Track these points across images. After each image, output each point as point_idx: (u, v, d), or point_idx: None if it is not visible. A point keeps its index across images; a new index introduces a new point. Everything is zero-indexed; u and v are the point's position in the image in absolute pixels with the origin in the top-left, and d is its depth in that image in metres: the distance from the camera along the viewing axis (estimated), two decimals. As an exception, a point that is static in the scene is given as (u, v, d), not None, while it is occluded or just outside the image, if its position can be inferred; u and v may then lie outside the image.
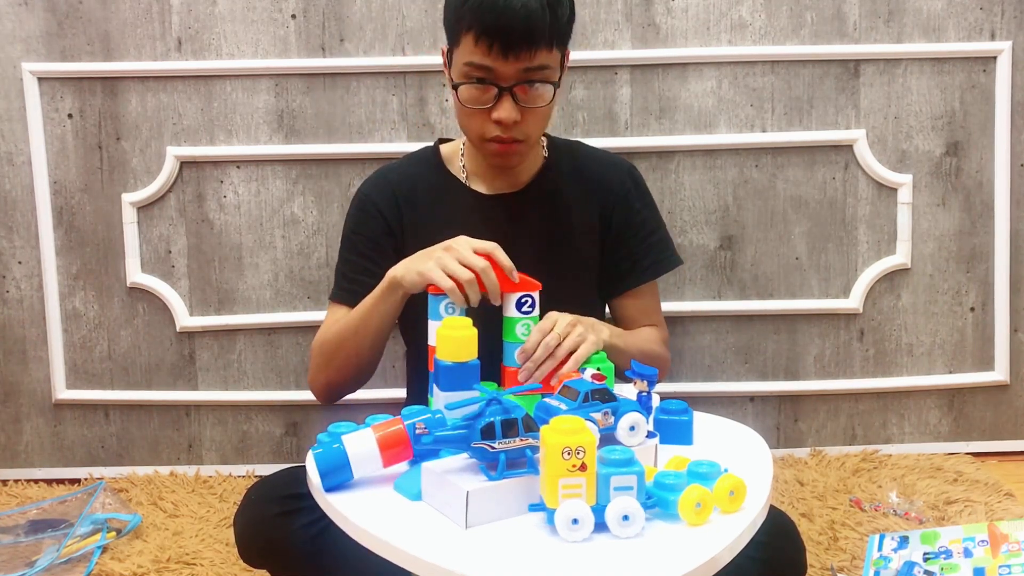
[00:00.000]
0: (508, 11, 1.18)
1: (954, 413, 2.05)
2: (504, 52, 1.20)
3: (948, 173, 2.00)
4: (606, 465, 0.81)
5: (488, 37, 1.20)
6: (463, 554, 0.79)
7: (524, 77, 1.23)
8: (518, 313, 1.12)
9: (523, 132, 1.28)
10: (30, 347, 2.01)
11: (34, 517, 1.76)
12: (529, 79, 1.24)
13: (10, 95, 1.94)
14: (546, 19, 1.21)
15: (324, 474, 0.92)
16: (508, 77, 1.23)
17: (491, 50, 1.21)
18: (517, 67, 1.22)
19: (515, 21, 1.19)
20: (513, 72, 1.23)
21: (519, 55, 1.21)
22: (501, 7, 1.19)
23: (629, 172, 1.49)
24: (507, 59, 1.21)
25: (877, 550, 1.48)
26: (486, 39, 1.20)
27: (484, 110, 1.26)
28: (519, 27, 1.19)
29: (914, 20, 1.95)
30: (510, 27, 1.19)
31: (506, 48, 1.20)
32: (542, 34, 1.21)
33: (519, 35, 1.20)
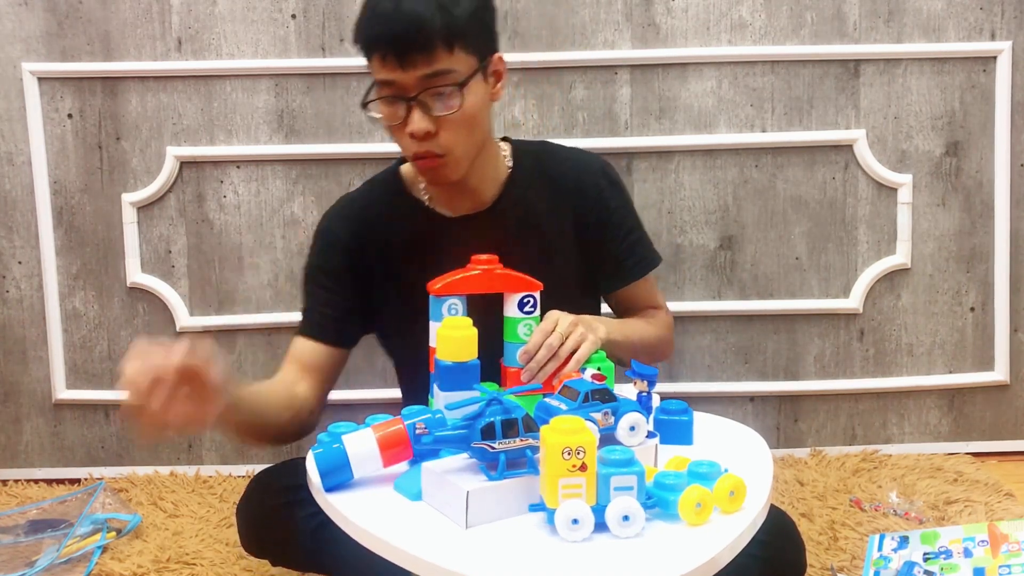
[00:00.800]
0: (395, 18, 1.15)
1: (954, 413, 2.05)
2: (399, 61, 1.15)
3: (948, 173, 2.00)
4: (606, 465, 0.81)
5: (381, 48, 1.16)
6: (463, 554, 0.79)
7: (426, 85, 1.17)
8: (520, 313, 1.12)
9: (442, 145, 1.20)
10: (30, 347, 2.00)
11: (34, 517, 1.76)
12: (432, 86, 1.17)
13: (10, 95, 1.94)
14: (437, 21, 1.15)
15: (324, 474, 0.92)
16: (410, 87, 1.17)
17: (386, 61, 1.16)
18: (416, 75, 1.16)
19: (403, 27, 1.14)
20: (413, 81, 1.16)
21: (415, 62, 1.15)
22: (388, 15, 1.15)
23: (602, 171, 1.40)
24: (404, 68, 1.16)
25: (877, 550, 1.48)
26: (379, 50, 1.17)
27: (401, 126, 1.20)
28: (409, 33, 1.14)
29: (914, 20, 1.95)
30: (400, 34, 1.15)
31: (399, 56, 1.15)
32: (435, 36, 1.15)
33: (410, 41, 1.15)
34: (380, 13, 1.16)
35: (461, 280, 1.11)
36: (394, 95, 1.18)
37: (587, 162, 1.41)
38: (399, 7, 1.15)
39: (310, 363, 1.32)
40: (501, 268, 1.13)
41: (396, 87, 1.18)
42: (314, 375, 1.32)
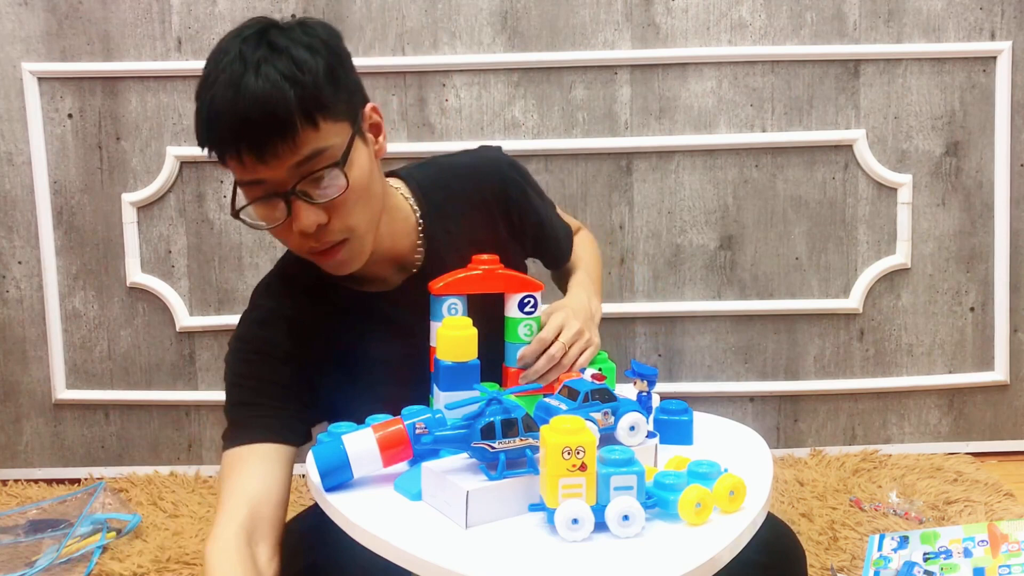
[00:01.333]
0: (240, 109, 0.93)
1: (954, 413, 2.05)
2: (259, 157, 0.95)
3: (948, 173, 2.00)
4: (606, 465, 0.81)
5: (233, 148, 0.95)
6: (463, 554, 0.78)
7: (300, 174, 0.97)
8: (520, 314, 1.12)
9: (339, 230, 1.02)
10: (30, 347, 2.00)
11: (34, 517, 1.76)
12: (308, 173, 0.97)
13: (10, 95, 1.94)
14: (291, 97, 0.94)
15: (324, 474, 0.92)
16: (284, 181, 0.97)
17: (244, 162, 0.96)
18: (285, 167, 0.96)
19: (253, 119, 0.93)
20: (284, 174, 0.96)
21: (279, 154, 0.95)
22: (230, 107, 0.94)
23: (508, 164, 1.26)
24: (268, 164, 0.95)
25: (877, 550, 1.48)
26: (233, 151, 0.95)
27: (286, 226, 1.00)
28: (260, 124, 0.93)
29: (914, 20, 1.95)
30: (250, 127, 0.94)
31: (258, 152, 0.95)
32: (292, 117, 0.94)
33: (264, 133, 0.94)
34: (220, 108, 0.94)
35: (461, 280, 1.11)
36: (267, 194, 0.98)
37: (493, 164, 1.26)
38: (241, 94, 0.93)
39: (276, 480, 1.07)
40: (502, 268, 1.13)
41: (267, 184, 0.98)
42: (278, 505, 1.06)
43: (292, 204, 0.98)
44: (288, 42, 0.98)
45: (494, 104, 1.96)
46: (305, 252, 1.05)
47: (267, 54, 0.96)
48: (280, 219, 0.99)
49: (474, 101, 1.96)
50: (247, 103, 0.93)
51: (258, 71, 0.94)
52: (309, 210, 0.99)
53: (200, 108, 0.97)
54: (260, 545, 1.00)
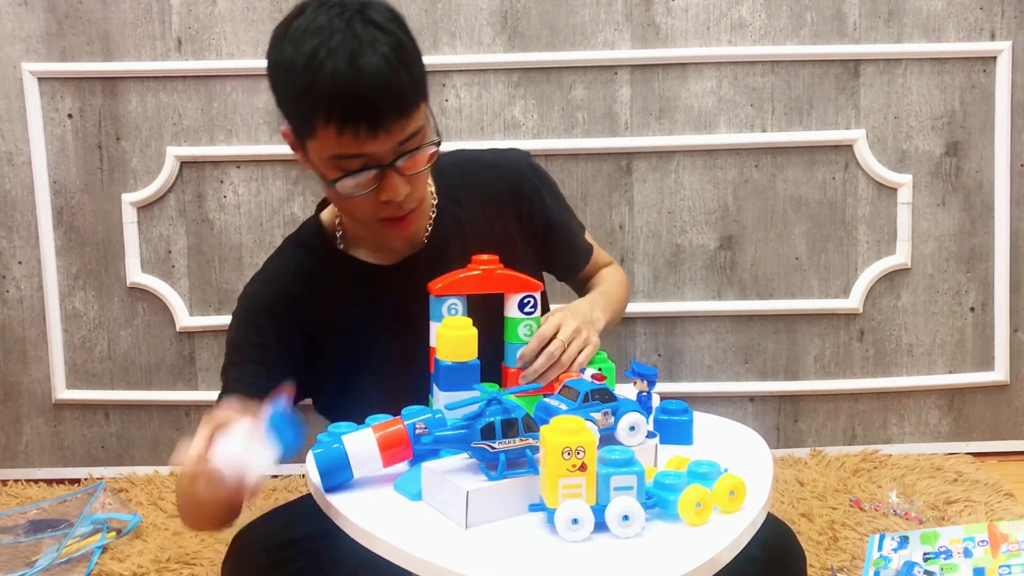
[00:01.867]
0: (364, 87, 0.98)
1: (954, 413, 2.05)
2: (374, 132, 1.00)
3: (948, 173, 2.00)
4: (606, 465, 0.81)
5: (353, 123, 1.00)
6: (463, 554, 0.79)
7: (402, 149, 1.04)
8: (520, 314, 1.12)
9: (416, 199, 1.11)
10: (30, 347, 2.01)
11: (34, 517, 1.76)
12: (407, 150, 1.05)
13: (10, 95, 1.94)
14: (404, 80, 1.01)
15: (324, 474, 0.92)
16: (385, 155, 1.03)
17: (359, 136, 1.01)
18: (392, 142, 1.03)
19: (376, 96, 0.99)
20: (389, 148, 1.03)
21: (391, 130, 1.01)
22: (354, 84, 0.98)
23: (529, 166, 1.31)
24: (378, 138, 1.01)
25: (877, 550, 1.48)
26: (351, 127, 1.00)
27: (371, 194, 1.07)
28: (383, 101, 0.99)
29: (914, 20, 1.96)
30: (374, 105, 0.99)
31: (375, 128, 1.00)
32: (407, 98, 1.02)
33: (386, 109, 1.00)
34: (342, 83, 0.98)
35: (461, 280, 1.11)
36: (367, 166, 1.04)
37: (513, 161, 1.31)
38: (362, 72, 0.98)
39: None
40: (502, 268, 1.13)
41: (367, 158, 1.03)
42: None
43: (387, 175, 1.05)
44: (387, 23, 1.03)
45: (494, 104, 1.96)
46: (379, 217, 1.11)
47: (376, 34, 1.00)
48: (369, 188, 1.06)
49: (474, 101, 1.96)
50: (370, 81, 0.98)
51: (374, 50, 0.99)
52: (401, 181, 1.06)
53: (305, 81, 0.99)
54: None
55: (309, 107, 1.01)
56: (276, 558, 1.07)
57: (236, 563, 1.11)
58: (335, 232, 1.23)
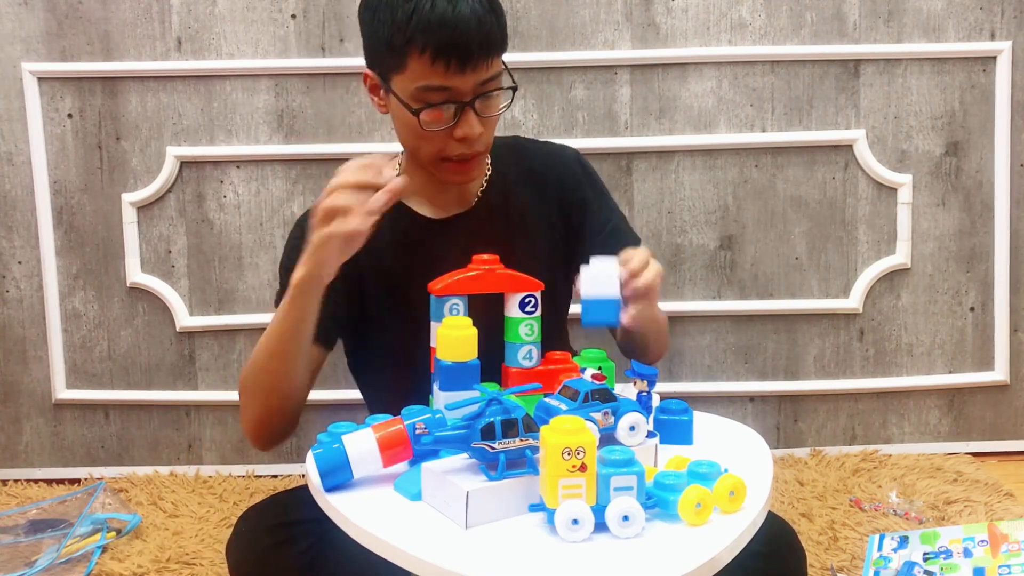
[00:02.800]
0: (460, 23, 1.10)
1: (954, 413, 2.05)
2: (462, 67, 1.12)
3: (948, 173, 2.00)
4: (606, 465, 0.81)
5: (445, 55, 1.11)
6: (463, 554, 0.79)
7: (482, 89, 1.16)
8: (521, 313, 1.12)
9: (485, 143, 1.21)
10: (30, 347, 2.01)
11: (34, 517, 1.76)
12: (487, 90, 1.16)
13: (10, 95, 1.94)
14: (496, 24, 1.14)
15: (324, 474, 0.92)
16: (467, 92, 1.14)
17: (448, 67, 1.11)
18: (475, 80, 1.14)
19: (470, 33, 1.10)
20: (472, 86, 1.14)
21: (477, 67, 1.13)
22: (452, 20, 1.10)
23: (578, 160, 1.40)
24: (465, 74, 1.12)
25: (877, 550, 1.48)
26: (443, 57, 1.11)
27: (444, 130, 1.17)
28: (475, 39, 1.11)
29: (914, 20, 1.96)
30: (466, 40, 1.10)
31: (464, 63, 1.11)
32: (495, 41, 1.14)
33: (476, 47, 1.11)
34: (440, 17, 1.10)
35: (462, 280, 1.11)
36: (448, 100, 1.15)
37: (563, 153, 1.41)
38: (458, 10, 1.10)
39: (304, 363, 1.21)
40: (502, 268, 1.13)
41: (451, 92, 1.14)
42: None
43: (464, 112, 1.15)
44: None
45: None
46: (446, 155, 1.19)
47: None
48: (446, 123, 1.16)
49: (474, 101, 1.96)
50: (467, 19, 1.10)
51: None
52: (477, 121, 1.16)
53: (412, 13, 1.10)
54: None
55: (407, 37, 1.11)
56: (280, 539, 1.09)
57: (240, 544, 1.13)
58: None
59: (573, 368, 1.10)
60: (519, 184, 1.34)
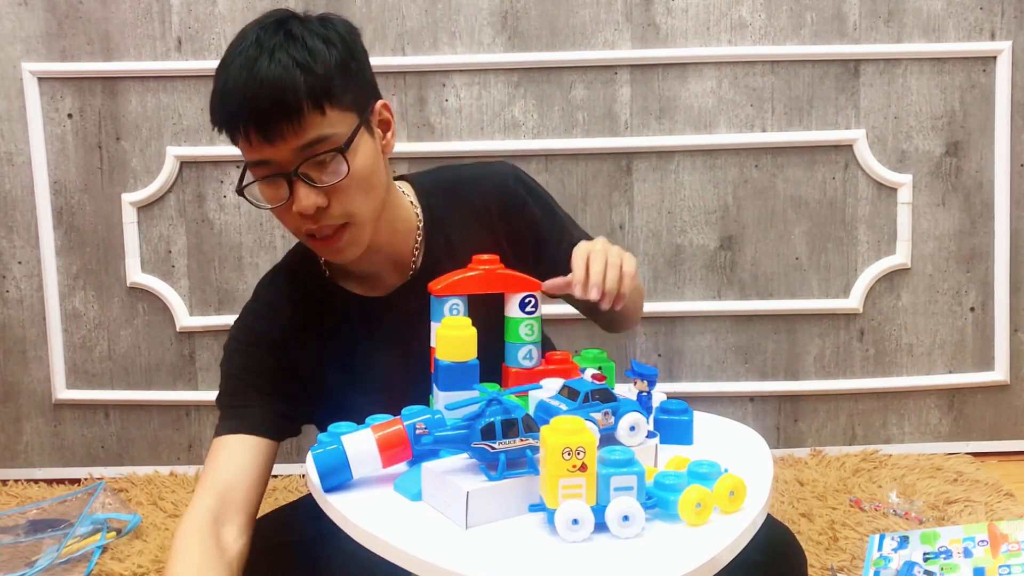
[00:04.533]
0: (252, 90, 0.99)
1: (954, 413, 2.05)
2: (265, 137, 1.00)
3: (948, 173, 2.00)
4: (606, 465, 0.81)
5: (242, 126, 1.00)
6: (463, 554, 0.78)
7: (303, 156, 1.02)
8: (521, 313, 1.12)
9: (341, 214, 1.06)
10: (30, 347, 2.00)
11: (34, 517, 1.76)
12: (311, 156, 1.02)
13: (10, 95, 1.94)
14: (300, 84, 0.99)
15: (323, 475, 0.91)
16: (287, 162, 1.02)
17: (251, 141, 1.01)
18: (289, 149, 1.01)
19: (260, 102, 0.98)
20: (289, 155, 1.01)
21: (284, 135, 1.00)
22: (242, 88, 0.99)
23: (516, 178, 1.27)
24: (274, 144, 1.00)
25: (877, 550, 1.48)
26: (241, 131, 1.01)
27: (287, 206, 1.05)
28: (267, 107, 0.99)
29: (914, 20, 1.96)
30: (261, 107, 0.99)
31: (265, 132, 0.99)
32: (300, 102, 0.99)
33: (271, 114, 0.99)
34: (233, 87, 1.00)
35: (462, 280, 1.11)
36: (272, 174, 1.03)
37: (500, 176, 1.26)
38: (253, 76, 0.99)
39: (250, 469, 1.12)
40: (502, 268, 1.13)
41: (272, 165, 1.03)
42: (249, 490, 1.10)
43: (294, 185, 1.03)
44: (305, 32, 1.03)
45: (494, 104, 1.96)
46: (304, 234, 1.08)
47: (283, 41, 1.01)
48: (283, 199, 1.04)
49: (474, 101, 1.96)
50: (258, 85, 0.99)
51: (272, 56, 1.00)
52: (310, 192, 1.03)
53: (215, 88, 1.03)
54: (227, 526, 1.04)
55: (213, 115, 1.04)
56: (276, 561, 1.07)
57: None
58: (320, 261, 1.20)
59: (573, 368, 1.10)
60: (458, 228, 1.22)
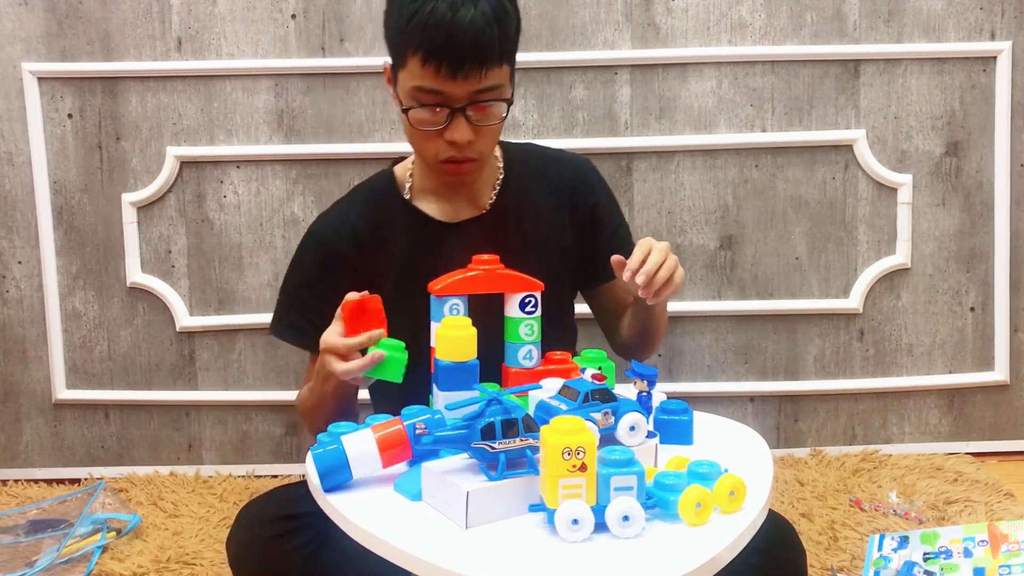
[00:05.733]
0: (456, 31, 1.11)
1: (954, 413, 2.05)
2: (453, 74, 1.13)
3: (948, 173, 2.00)
4: (606, 465, 0.81)
5: (436, 59, 1.12)
6: (463, 554, 0.79)
7: (476, 98, 1.17)
8: (521, 313, 1.12)
9: (476, 150, 1.22)
10: (30, 347, 2.00)
11: (34, 517, 1.76)
12: (481, 99, 1.17)
13: (10, 95, 1.94)
14: (495, 36, 1.13)
15: (323, 475, 0.91)
16: (459, 98, 1.16)
17: (439, 72, 1.13)
18: (468, 88, 1.15)
19: (463, 41, 1.11)
20: (464, 93, 1.16)
21: (468, 76, 1.14)
22: (448, 26, 1.11)
23: (592, 169, 1.44)
24: (456, 80, 1.14)
25: (877, 550, 1.48)
26: (434, 61, 1.13)
27: (436, 131, 1.19)
28: (468, 47, 1.12)
29: (914, 20, 1.95)
30: (459, 48, 1.11)
31: (455, 70, 1.13)
32: (492, 52, 1.14)
33: (468, 56, 1.12)
34: (437, 22, 1.11)
35: (462, 280, 1.11)
36: (440, 103, 1.17)
37: (576, 161, 1.44)
38: (457, 17, 1.11)
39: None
40: (502, 268, 1.13)
41: (443, 96, 1.16)
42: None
43: (455, 118, 1.17)
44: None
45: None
46: (440, 157, 1.22)
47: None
48: (438, 125, 1.18)
49: (474, 101, 1.96)
50: (463, 27, 1.11)
51: (476, 4, 1.12)
52: (467, 128, 1.18)
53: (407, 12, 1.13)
54: None
55: (406, 37, 1.14)
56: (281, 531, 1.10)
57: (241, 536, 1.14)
58: (405, 184, 1.34)
59: (573, 368, 1.10)
60: (532, 189, 1.36)
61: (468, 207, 1.33)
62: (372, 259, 1.33)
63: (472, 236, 1.30)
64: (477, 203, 1.34)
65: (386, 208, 1.34)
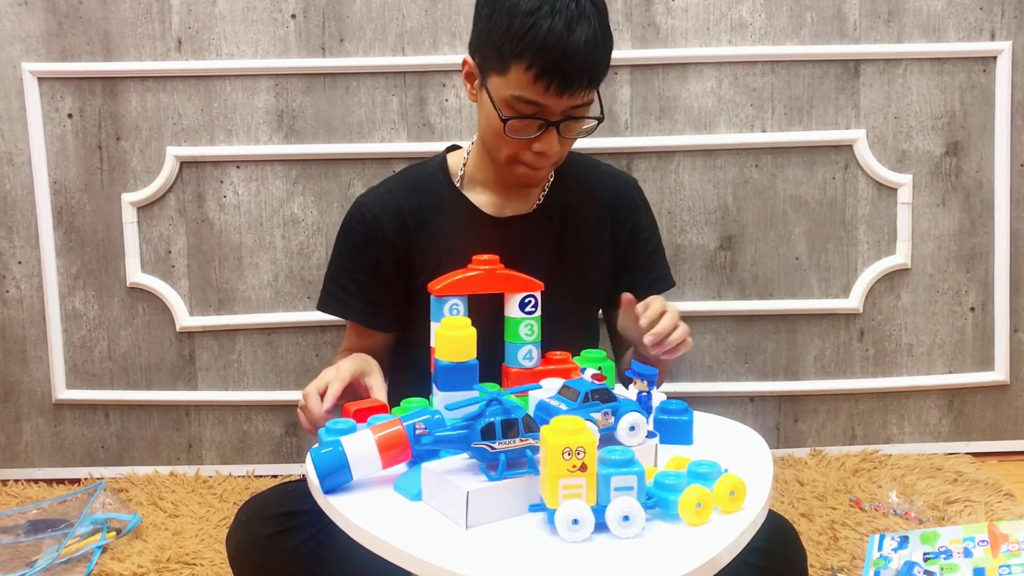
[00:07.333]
0: (571, 50, 1.14)
1: (954, 413, 2.05)
2: (561, 92, 1.16)
3: (948, 173, 2.00)
4: (606, 465, 0.81)
5: (548, 76, 1.15)
6: (463, 554, 0.79)
7: (572, 113, 1.21)
8: (521, 313, 1.12)
9: (559, 160, 1.28)
10: (30, 347, 2.00)
11: (34, 517, 1.76)
12: (575, 115, 1.22)
13: (10, 95, 1.94)
14: (603, 60, 1.19)
15: (323, 476, 0.91)
16: (557, 112, 1.20)
17: (548, 89, 1.16)
18: (569, 104, 1.19)
19: (577, 61, 1.15)
20: (563, 108, 1.19)
21: (574, 94, 1.18)
22: (564, 46, 1.14)
23: (636, 188, 1.48)
24: (561, 97, 1.17)
25: (877, 550, 1.48)
26: (545, 78, 1.15)
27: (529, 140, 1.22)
28: (580, 67, 1.15)
29: (914, 20, 1.95)
30: (571, 67, 1.15)
31: (563, 88, 1.16)
32: (600, 73, 1.20)
33: (579, 75, 1.16)
34: (555, 41, 1.13)
35: (462, 280, 1.11)
36: (537, 115, 1.19)
37: (623, 178, 1.48)
38: (573, 37, 1.14)
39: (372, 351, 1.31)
40: (502, 268, 1.13)
41: (541, 109, 1.19)
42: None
43: (547, 130, 1.21)
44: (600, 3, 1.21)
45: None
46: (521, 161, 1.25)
47: (592, 10, 1.18)
48: (531, 134, 1.21)
49: (474, 101, 1.96)
50: (578, 47, 1.14)
51: (588, 23, 1.16)
52: (557, 140, 1.22)
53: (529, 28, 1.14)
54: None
55: (518, 49, 1.15)
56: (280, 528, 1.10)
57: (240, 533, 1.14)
58: (457, 172, 1.37)
59: (573, 368, 1.10)
60: (579, 198, 1.40)
61: (516, 203, 1.36)
62: (415, 242, 1.35)
63: (516, 232, 1.34)
64: (524, 201, 1.37)
65: (435, 193, 1.36)
